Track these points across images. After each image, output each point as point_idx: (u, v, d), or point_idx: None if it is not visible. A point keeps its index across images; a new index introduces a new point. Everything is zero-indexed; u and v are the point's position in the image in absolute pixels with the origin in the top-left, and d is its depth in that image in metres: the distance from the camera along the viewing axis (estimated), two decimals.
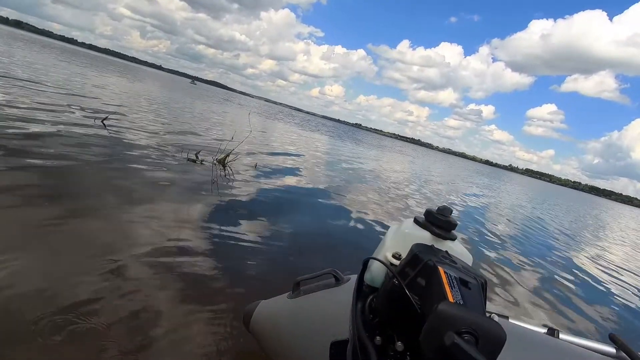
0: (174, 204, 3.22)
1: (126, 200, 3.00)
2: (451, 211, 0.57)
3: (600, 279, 5.04)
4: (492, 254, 4.60)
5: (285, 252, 2.86)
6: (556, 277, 4.46)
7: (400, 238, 0.56)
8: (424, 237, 0.54)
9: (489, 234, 5.97)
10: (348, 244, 3.53)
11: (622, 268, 6.35)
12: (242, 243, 2.78)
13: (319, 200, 5.04)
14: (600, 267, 5.88)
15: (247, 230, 3.05)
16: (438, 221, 0.54)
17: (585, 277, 4.86)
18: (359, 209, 4.97)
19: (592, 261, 6.28)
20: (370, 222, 4.49)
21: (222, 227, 2.97)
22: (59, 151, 3.76)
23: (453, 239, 0.55)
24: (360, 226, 4.24)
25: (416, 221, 0.58)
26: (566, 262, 5.52)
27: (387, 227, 4.43)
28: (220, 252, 2.53)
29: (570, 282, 4.36)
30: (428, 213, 0.57)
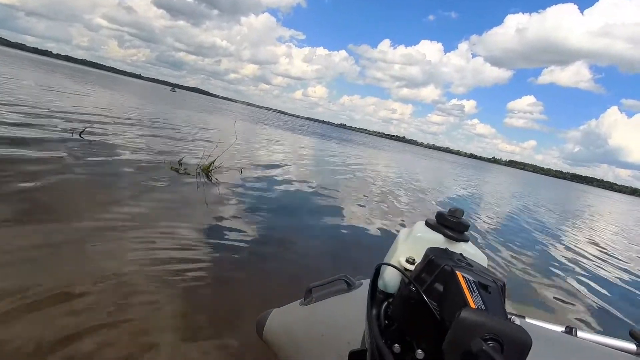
0: (160, 216, 3.09)
1: (109, 215, 2.86)
2: (463, 212, 0.54)
3: (616, 272, 4.98)
4: (502, 251, 4.60)
5: (287, 258, 2.80)
6: (567, 271, 4.41)
7: (413, 242, 0.54)
8: (437, 240, 0.53)
9: (491, 229, 6.00)
10: (347, 245, 3.47)
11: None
12: (238, 250, 2.70)
13: (308, 200, 4.97)
14: (615, 260, 5.83)
15: (240, 238, 2.95)
16: (450, 223, 0.53)
17: (600, 270, 4.80)
18: (353, 209, 4.92)
19: (606, 253, 6.22)
20: (367, 221, 4.45)
21: (215, 236, 2.88)
22: (34, 167, 3.59)
23: (466, 240, 0.53)
24: (357, 227, 4.18)
25: (427, 224, 0.56)
26: (576, 255, 5.50)
27: (383, 226, 4.43)
28: (221, 262, 2.47)
29: (583, 276, 4.31)
30: (439, 215, 0.55)
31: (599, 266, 5.16)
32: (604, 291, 3.91)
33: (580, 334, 0.73)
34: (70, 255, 2.14)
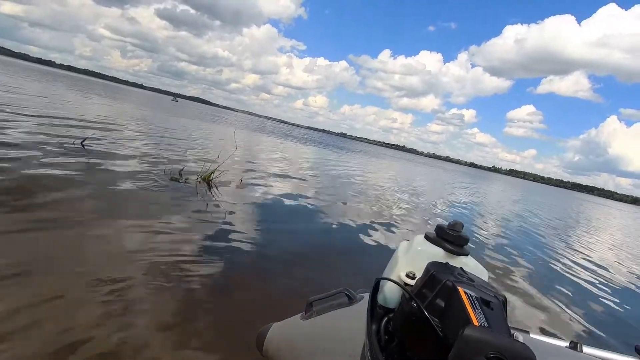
0: (159, 225, 3.08)
1: (107, 224, 2.86)
2: (462, 226, 0.54)
3: (621, 286, 4.92)
4: (502, 262, 4.58)
5: (287, 271, 2.78)
6: (571, 285, 4.36)
7: (413, 256, 0.53)
8: (437, 253, 0.52)
9: (498, 242, 5.97)
10: (348, 256, 3.45)
11: None
12: (239, 263, 2.68)
13: (308, 210, 4.95)
14: (620, 274, 5.75)
15: (240, 249, 2.94)
16: (450, 237, 0.52)
17: (605, 285, 4.74)
18: (353, 219, 4.91)
19: (611, 268, 6.16)
20: (367, 231, 4.43)
21: (215, 248, 2.86)
22: (35, 177, 3.60)
23: (466, 254, 0.53)
24: (358, 236, 4.17)
25: (427, 237, 0.55)
26: (580, 269, 5.44)
27: (382, 236, 4.41)
28: (220, 274, 2.44)
29: (588, 290, 4.26)
30: (439, 229, 0.54)
31: (604, 280, 5.11)
32: (609, 305, 3.86)
33: (585, 349, 0.71)
34: (68, 261, 2.13)
